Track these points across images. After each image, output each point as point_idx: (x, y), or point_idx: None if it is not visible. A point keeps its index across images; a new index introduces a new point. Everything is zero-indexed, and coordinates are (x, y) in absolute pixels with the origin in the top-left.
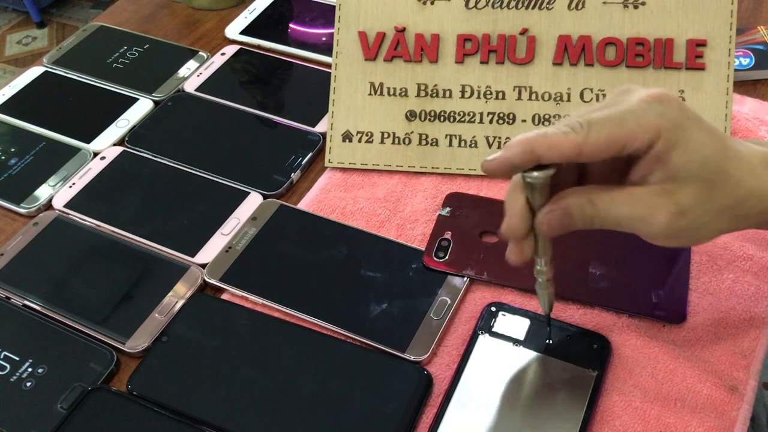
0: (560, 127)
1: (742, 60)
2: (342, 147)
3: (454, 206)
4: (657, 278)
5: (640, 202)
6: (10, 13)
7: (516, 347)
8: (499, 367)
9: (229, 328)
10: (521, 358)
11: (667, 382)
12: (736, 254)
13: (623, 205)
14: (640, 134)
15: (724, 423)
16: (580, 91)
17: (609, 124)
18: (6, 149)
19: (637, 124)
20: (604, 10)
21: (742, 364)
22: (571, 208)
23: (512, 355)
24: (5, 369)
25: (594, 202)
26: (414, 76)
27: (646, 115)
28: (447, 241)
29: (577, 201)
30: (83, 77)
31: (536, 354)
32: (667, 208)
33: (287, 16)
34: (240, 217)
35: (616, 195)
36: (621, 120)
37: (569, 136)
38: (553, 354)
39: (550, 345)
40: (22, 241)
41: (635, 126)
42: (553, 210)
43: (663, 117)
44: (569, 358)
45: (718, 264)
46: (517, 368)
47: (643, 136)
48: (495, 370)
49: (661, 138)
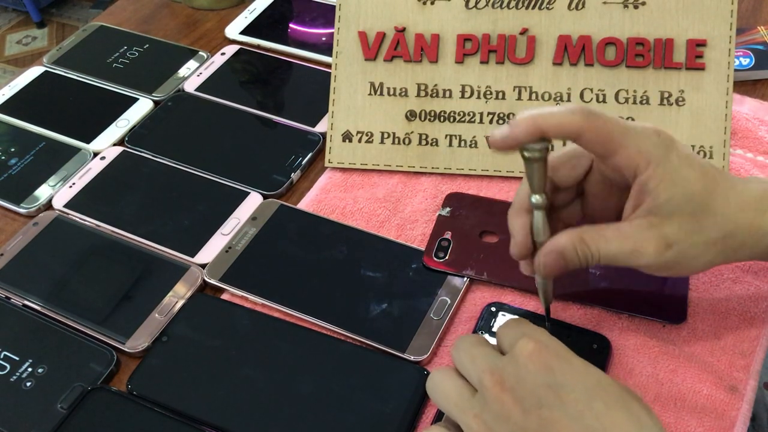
0: (568, 106)
1: (742, 60)
2: (342, 147)
3: (454, 206)
4: (657, 278)
5: (629, 237)
6: (10, 13)
7: None
8: None
9: (229, 328)
10: None
11: (667, 382)
12: None
13: (613, 242)
14: (634, 155)
15: (724, 423)
16: (580, 91)
17: (615, 127)
18: (6, 149)
19: (635, 144)
20: (604, 10)
21: (741, 364)
22: (566, 250)
23: None
24: (5, 369)
25: (585, 241)
26: (414, 76)
27: (644, 141)
28: (447, 241)
29: (570, 242)
30: (83, 77)
31: None
32: (655, 241)
33: (287, 16)
34: (240, 217)
35: (606, 232)
36: (625, 132)
37: (576, 115)
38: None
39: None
40: (22, 241)
41: (632, 144)
42: (549, 253)
43: (657, 148)
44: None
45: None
46: None
47: (636, 157)
48: None
49: (650, 167)
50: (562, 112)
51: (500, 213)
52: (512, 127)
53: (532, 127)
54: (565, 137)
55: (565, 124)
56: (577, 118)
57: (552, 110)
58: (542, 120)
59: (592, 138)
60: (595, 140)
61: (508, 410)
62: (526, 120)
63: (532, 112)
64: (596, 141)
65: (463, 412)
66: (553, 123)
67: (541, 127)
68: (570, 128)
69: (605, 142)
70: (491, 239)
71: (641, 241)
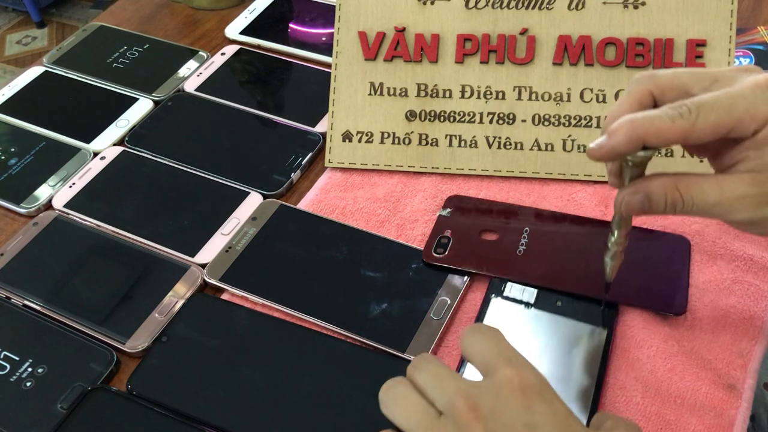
0: (668, 111)
1: (742, 60)
2: (342, 147)
3: (454, 207)
4: (657, 270)
5: (729, 190)
6: (10, 13)
7: (528, 309)
8: (513, 326)
9: (229, 328)
10: (534, 318)
11: (666, 379)
12: (736, 254)
13: (711, 193)
14: (747, 122)
15: (723, 422)
16: (580, 91)
17: (718, 110)
18: (6, 149)
19: (746, 110)
20: (604, 10)
21: (739, 363)
22: (655, 194)
23: (525, 316)
24: (5, 369)
25: (680, 189)
26: (414, 76)
27: (756, 103)
28: (447, 238)
29: (662, 188)
30: (83, 77)
31: (548, 314)
32: (756, 198)
33: (287, 16)
34: (240, 217)
35: (704, 183)
36: (731, 106)
37: (677, 123)
38: (565, 314)
39: (561, 307)
40: (22, 241)
41: (743, 113)
42: (636, 193)
43: None
44: (580, 318)
45: (718, 264)
46: (531, 327)
47: (749, 125)
48: (508, 328)
49: (765, 128)
50: (663, 120)
51: (500, 213)
52: (610, 138)
53: (632, 137)
54: (669, 145)
55: (668, 132)
56: (680, 124)
57: (651, 117)
58: (643, 130)
59: (700, 137)
60: (703, 137)
61: None
62: (625, 130)
63: (630, 119)
64: (704, 137)
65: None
66: (654, 132)
67: (641, 137)
68: (674, 137)
69: (714, 132)
70: (491, 237)
71: (742, 195)
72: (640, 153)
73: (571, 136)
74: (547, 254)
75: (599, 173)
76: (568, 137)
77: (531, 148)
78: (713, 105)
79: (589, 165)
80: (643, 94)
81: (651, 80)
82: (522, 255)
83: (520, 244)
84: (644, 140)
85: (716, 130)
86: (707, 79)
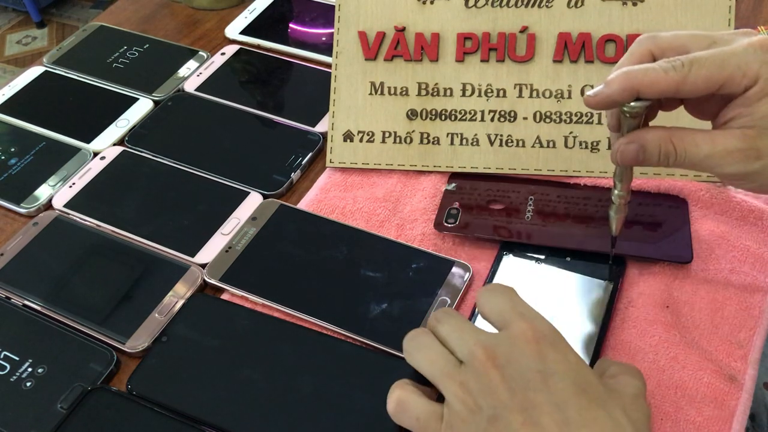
0: (662, 64)
1: None
2: (343, 147)
3: (459, 183)
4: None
5: (720, 143)
6: (10, 13)
7: (538, 264)
8: (524, 283)
9: (229, 328)
10: (545, 272)
11: (668, 368)
12: (733, 244)
13: (703, 146)
14: (738, 78)
15: (723, 413)
16: (581, 88)
17: (710, 65)
18: (6, 149)
19: (738, 67)
20: (603, 7)
21: (739, 353)
22: (649, 145)
23: (535, 273)
24: (5, 369)
25: (674, 142)
26: (414, 75)
27: (748, 61)
28: (456, 209)
29: (657, 139)
30: (83, 77)
31: (558, 269)
32: (746, 152)
33: (287, 16)
34: (240, 217)
35: (697, 136)
36: (723, 62)
37: (669, 74)
38: (574, 269)
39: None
40: (22, 241)
41: (735, 69)
42: (631, 143)
43: (765, 65)
44: (588, 273)
45: (716, 253)
46: (542, 280)
47: (740, 81)
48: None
49: (756, 85)
50: (656, 71)
51: (504, 185)
52: (606, 87)
53: (627, 87)
54: (662, 96)
55: (661, 83)
56: (672, 76)
57: (646, 68)
58: (637, 80)
59: (691, 90)
60: (694, 91)
61: (495, 386)
62: (620, 80)
63: (626, 70)
64: (696, 91)
65: (449, 378)
66: (647, 83)
67: (635, 87)
68: (666, 87)
69: (706, 86)
70: (497, 206)
71: (732, 150)
72: (635, 103)
73: (572, 132)
74: (554, 217)
75: (601, 170)
76: (569, 134)
77: (532, 146)
78: (706, 60)
79: (591, 162)
80: (643, 53)
81: (652, 41)
82: (530, 220)
83: (527, 211)
84: (638, 90)
85: (708, 84)
86: (706, 41)
